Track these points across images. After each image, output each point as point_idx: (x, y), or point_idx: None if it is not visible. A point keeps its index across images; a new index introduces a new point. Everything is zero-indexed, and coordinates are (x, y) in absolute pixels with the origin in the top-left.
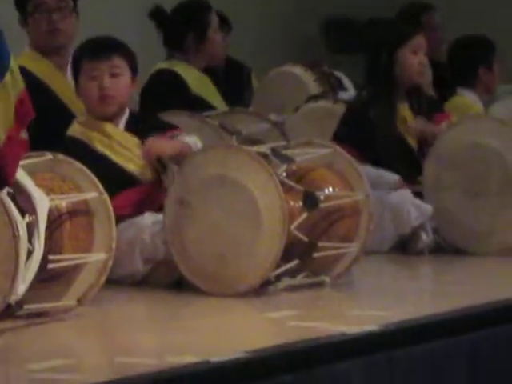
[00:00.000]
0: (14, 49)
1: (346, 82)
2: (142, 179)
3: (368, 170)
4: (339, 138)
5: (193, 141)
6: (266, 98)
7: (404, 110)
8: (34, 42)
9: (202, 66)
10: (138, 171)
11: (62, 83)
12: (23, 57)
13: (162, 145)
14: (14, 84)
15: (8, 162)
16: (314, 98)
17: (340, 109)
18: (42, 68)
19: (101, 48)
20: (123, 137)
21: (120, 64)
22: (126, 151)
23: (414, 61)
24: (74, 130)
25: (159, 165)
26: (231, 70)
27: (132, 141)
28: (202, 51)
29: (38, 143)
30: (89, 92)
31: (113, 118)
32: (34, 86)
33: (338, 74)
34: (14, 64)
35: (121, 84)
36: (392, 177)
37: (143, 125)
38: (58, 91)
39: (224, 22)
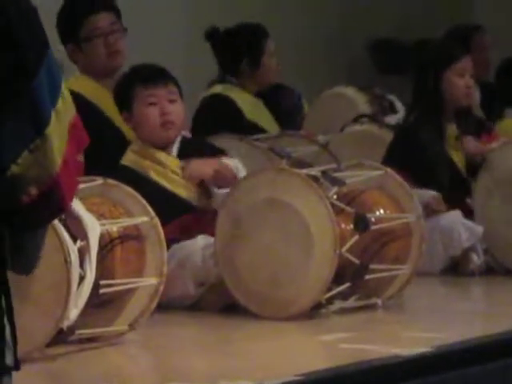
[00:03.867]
0: None
1: (398, 105)
2: (197, 205)
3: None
4: (389, 160)
5: (233, 163)
6: (318, 120)
7: (452, 131)
8: (90, 68)
9: (255, 91)
10: (192, 197)
11: (114, 107)
12: (75, 81)
13: (200, 167)
14: (66, 110)
15: (65, 187)
16: (361, 117)
17: (385, 134)
18: (95, 92)
19: (157, 74)
20: (176, 164)
21: (174, 90)
22: (180, 178)
23: (461, 83)
24: (128, 159)
25: (202, 188)
26: (281, 94)
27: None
28: (256, 76)
29: (92, 167)
30: (150, 118)
31: (168, 145)
32: (88, 110)
33: (391, 96)
34: (65, 89)
35: (179, 109)
36: (428, 193)
37: (194, 149)
38: (111, 115)
39: None
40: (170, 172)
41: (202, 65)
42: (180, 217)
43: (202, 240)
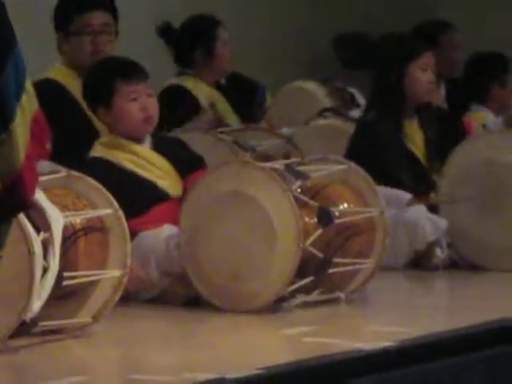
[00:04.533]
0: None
1: (360, 98)
2: (173, 194)
3: (380, 191)
4: (350, 155)
5: None
6: (279, 114)
7: (412, 126)
8: (73, 61)
9: (212, 81)
10: (168, 186)
11: None
12: (56, 71)
13: None
14: (29, 105)
15: (27, 181)
16: (326, 111)
17: (349, 127)
18: (72, 82)
19: (136, 69)
20: (151, 155)
21: (150, 84)
22: (156, 169)
23: (423, 78)
24: (98, 150)
25: None
26: (243, 87)
27: (160, 160)
28: (211, 66)
29: (62, 155)
30: (132, 113)
31: (140, 139)
32: (63, 98)
33: (352, 89)
34: (28, 85)
35: (156, 104)
36: (404, 195)
37: (168, 147)
38: (86, 108)
39: None
40: (146, 162)
41: (169, 59)
42: (157, 205)
43: (167, 229)
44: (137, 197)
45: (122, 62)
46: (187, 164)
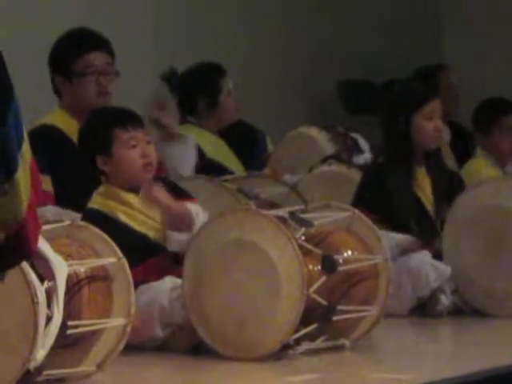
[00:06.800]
0: None
1: (362, 144)
2: (166, 246)
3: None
4: (358, 202)
5: (194, 207)
6: (282, 161)
7: (421, 174)
8: (75, 102)
9: (215, 130)
10: (161, 239)
11: None
12: (54, 115)
13: (161, 194)
14: (27, 153)
15: (30, 231)
16: (329, 158)
17: (354, 174)
18: (71, 127)
19: (133, 116)
20: (145, 206)
21: (147, 132)
22: (149, 220)
23: (429, 127)
24: (96, 202)
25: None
26: (245, 134)
27: (153, 209)
28: (214, 115)
29: (66, 201)
30: (132, 161)
31: (136, 187)
32: (65, 145)
33: (354, 135)
34: (25, 133)
35: (154, 151)
36: (407, 238)
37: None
38: None
39: None
40: (139, 213)
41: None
42: (149, 258)
43: (169, 281)
44: (130, 250)
45: (118, 110)
46: (174, 195)
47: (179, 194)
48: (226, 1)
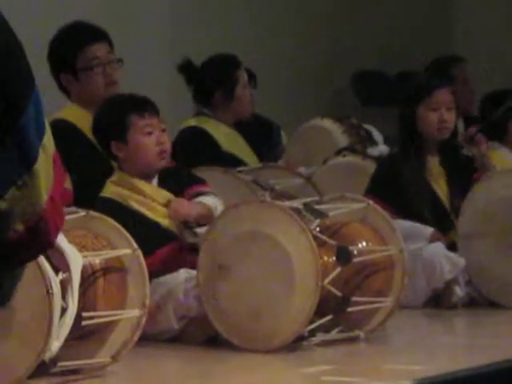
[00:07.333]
0: None
1: (376, 135)
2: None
3: (402, 224)
4: (371, 192)
5: (213, 202)
6: (296, 153)
7: (435, 165)
8: (85, 96)
9: (231, 122)
10: (174, 227)
11: None
12: (68, 110)
13: (188, 208)
14: (50, 145)
15: (51, 223)
16: (344, 150)
17: (368, 165)
18: (86, 122)
19: (149, 104)
20: (157, 193)
21: (162, 119)
22: (161, 207)
23: (433, 118)
24: (108, 190)
25: (184, 226)
26: (260, 127)
27: (165, 196)
28: (230, 108)
29: (78, 196)
30: (148, 147)
31: (150, 175)
32: (80, 139)
33: (368, 126)
34: (47, 125)
35: (169, 139)
36: (426, 229)
37: (173, 178)
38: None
39: (250, 79)
40: (151, 201)
41: (186, 97)
42: (163, 246)
43: (183, 274)
44: (144, 238)
45: (134, 97)
46: (187, 181)
47: (192, 180)
48: None
